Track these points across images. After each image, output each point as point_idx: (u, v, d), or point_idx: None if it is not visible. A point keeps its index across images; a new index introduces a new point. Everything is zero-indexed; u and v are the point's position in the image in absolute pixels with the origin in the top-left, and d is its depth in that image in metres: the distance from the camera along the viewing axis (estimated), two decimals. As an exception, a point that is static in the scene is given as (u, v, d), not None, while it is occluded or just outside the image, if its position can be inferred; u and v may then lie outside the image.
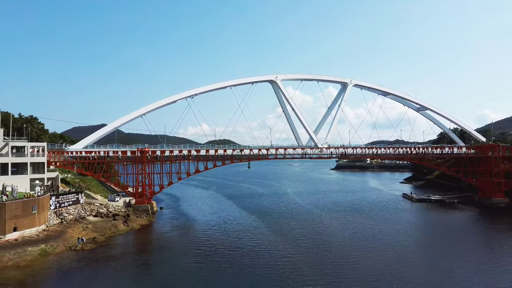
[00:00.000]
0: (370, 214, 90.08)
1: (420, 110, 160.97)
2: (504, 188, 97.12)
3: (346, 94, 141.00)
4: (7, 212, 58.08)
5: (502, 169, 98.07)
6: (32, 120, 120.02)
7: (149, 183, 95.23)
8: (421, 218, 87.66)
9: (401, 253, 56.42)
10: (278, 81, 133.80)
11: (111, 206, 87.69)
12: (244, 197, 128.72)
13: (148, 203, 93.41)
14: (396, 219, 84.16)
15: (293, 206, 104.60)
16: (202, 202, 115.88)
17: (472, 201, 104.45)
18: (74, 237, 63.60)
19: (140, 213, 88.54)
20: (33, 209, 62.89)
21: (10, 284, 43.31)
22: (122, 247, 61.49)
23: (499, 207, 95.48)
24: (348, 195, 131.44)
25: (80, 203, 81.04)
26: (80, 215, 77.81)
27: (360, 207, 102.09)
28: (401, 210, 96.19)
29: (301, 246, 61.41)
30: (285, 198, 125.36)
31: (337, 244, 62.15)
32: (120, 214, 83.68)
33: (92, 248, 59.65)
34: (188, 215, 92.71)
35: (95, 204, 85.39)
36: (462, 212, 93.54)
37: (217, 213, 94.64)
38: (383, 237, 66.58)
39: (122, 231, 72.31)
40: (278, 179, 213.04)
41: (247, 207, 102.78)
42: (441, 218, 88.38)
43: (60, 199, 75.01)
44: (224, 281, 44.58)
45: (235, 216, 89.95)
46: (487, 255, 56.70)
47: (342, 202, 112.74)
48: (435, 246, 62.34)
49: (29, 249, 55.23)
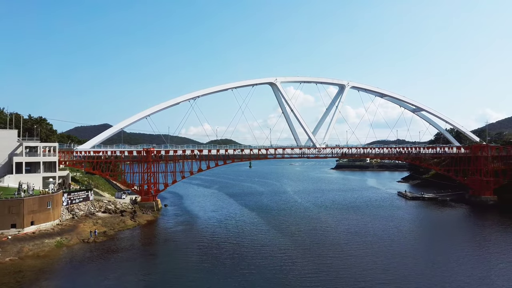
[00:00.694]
0: (364, 212, 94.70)
1: (416, 111, 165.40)
2: (493, 187, 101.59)
3: (343, 95, 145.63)
4: (25, 207, 63.08)
5: (491, 168, 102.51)
6: (41, 121, 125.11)
7: (154, 181, 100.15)
8: (413, 215, 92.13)
9: (390, 247, 60.96)
10: (278, 83, 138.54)
11: (119, 203, 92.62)
12: (245, 195, 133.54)
13: (153, 201, 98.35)
14: (389, 216, 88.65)
15: (292, 204, 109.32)
16: (205, 200, 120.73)
17: (463, 199, 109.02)
18: (86, 230, 68.54)
19: (145, 210, 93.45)
20: (48, 205, 67.88)
21: (32, 271, 48.16)
22: (130, 240, 66.39)
23: (488, 204, 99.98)
24: (345, 193, 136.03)
25: (89, 200, 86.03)
26: (90, 211, 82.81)
27: (356, 205, 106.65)
28: (395, 208, 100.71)
29: (297, 240, 66.18)
30: (285, 196, 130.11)
31: (332, 239, 66.78)
32: (127, 211, 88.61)
33: (103, 241, 64.58)
34: (191, 212, 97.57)
35: (103, 201, 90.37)
36: (452, 209, 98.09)
37: (219, 210, 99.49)
38: (375, 233, 70.96)
39: (130, 226, 77.29)
40: (279, 178, 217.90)
41: (247, 205, 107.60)
42: (431, 214, 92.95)
43: (71, 196, 80.00)
44: (226, 272, 49.17)
45: (236, 213, 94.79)
46: (472, 248, 61.18)
47: (339, 200, 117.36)
48: (423, 241, 67.00)
49: (46, 241, 60.19)
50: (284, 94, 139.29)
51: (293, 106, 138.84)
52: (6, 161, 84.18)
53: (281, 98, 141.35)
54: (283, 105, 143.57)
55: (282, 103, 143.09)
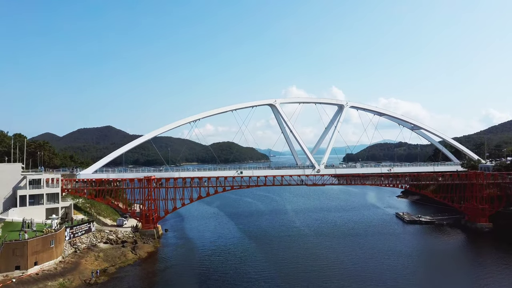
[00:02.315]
0: (363, 243, 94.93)
1: (414, 129, 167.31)
2: (488, 214, 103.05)
3: (342, 116, 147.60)
4: (29, 249, 65.11)
5: (487, 195, 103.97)
6: (44, 144, 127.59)
7: (155, 208, 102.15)
8: (410, 245, 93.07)
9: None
10: (277, 104, 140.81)
11: (120, 232, 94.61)
12: (246, 216, 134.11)
13: (154, 227, 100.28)
14: (388, 250, 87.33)
15: (290, 230, 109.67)
16: (205, 223, 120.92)
17: (459, 224, 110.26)
18: (88, 268, 70.53)
19: (146, 238, 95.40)
20: (51, 243, 69.93)
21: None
22: (131, 280, 68.27)
23: (483, 231, 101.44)
24: (345, 214, 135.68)
25: (91, 231, 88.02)
26: (92, 243, 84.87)
27: (355, 232, 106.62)
28: (394, 236, 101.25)
29: (291, 268, 68.40)
30: (284, 218, 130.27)
31: (327, 272, 69.15)
32: (128, 241, 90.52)
33: (105, 281, 66.51)
34: (191, 240, 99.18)
35: (105, 231, 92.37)
36: (449, 238, 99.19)
37: (218, 238, 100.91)
38: (374, 276, 71.33)
39: (130, 260, 79.21)
40: (280, 192, 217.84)
41: (246, 230, 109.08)
42: (428, 244, 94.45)
43: (74, 230, 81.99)
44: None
45: (235, 241, 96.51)
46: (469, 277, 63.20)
47: (339, 224, 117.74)
48: (419, 273, 69.82)
49: (49, 283, 62.18)
50: (283, 115, 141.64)
51: (292, 128, 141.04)
52: (10, 194, 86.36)
53: (280, 119, 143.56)
54: (283, 126, 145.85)
55: (281, 124, 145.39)
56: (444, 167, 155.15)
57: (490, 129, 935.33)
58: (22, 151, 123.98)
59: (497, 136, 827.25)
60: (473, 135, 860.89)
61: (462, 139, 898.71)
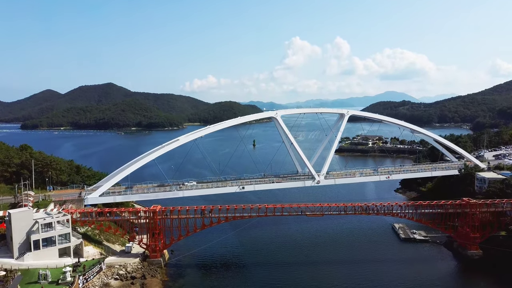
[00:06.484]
0: (356, 269, 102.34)
1: (414, 132, 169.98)
2: (478, 241, 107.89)
3: (342, 125, 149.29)
4: (47, 314, 70.84)
5: (479, 223, 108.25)
6: (51, 163, 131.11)
7: (161, 236, 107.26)
8: (404, 273, 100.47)
9: None
10: (278, 117, 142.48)
11: (129, 265, 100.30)
12: (248, 229, 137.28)
13: (161, 255, 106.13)
14: (379, 279, 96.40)
15: (288, 250, 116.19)
16: (209, 241, 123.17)
17: (451, 247, 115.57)
18: (101, 319, 76.73)
19: (154, 269, 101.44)
20: (67, 300, 75.66)
21: None
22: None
23: (473, 259, 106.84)
24: (341, 221, 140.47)
25: (102, 270, 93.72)
26: (103, 282, 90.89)
27: (347, 255, 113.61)
28: (387, 260, 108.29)
29: None
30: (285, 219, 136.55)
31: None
32: (137, 277, 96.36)
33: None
34: (197, 264, 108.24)
35: (115, 267, 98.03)
36: (441, 264, 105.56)
37: (224, 250, 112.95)
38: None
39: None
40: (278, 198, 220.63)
41: (250, 235, 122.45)
42: (419, 271, 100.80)
43: (86, 275, 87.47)
44: None
45: (239, 250, 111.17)
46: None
47: (331, 242, 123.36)
48: None
49: None
50: (284, 127, 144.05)
51: (292, 140, 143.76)
52: (24, 239, 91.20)
53: (282, 131, 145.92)
54: (284, 137, 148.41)
55: (283, 135, 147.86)
56: (442, 172, 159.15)
57: (495, 87, 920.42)
58: (30, 170, 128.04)
59: (502, 97, 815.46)
60: (477, 96, 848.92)
61: (467, 100, 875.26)
